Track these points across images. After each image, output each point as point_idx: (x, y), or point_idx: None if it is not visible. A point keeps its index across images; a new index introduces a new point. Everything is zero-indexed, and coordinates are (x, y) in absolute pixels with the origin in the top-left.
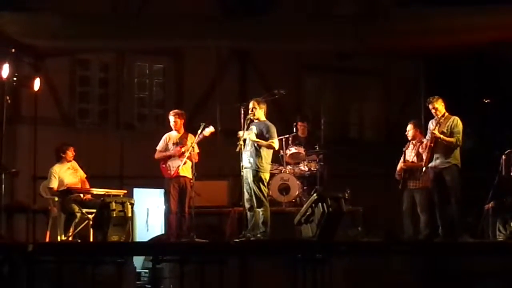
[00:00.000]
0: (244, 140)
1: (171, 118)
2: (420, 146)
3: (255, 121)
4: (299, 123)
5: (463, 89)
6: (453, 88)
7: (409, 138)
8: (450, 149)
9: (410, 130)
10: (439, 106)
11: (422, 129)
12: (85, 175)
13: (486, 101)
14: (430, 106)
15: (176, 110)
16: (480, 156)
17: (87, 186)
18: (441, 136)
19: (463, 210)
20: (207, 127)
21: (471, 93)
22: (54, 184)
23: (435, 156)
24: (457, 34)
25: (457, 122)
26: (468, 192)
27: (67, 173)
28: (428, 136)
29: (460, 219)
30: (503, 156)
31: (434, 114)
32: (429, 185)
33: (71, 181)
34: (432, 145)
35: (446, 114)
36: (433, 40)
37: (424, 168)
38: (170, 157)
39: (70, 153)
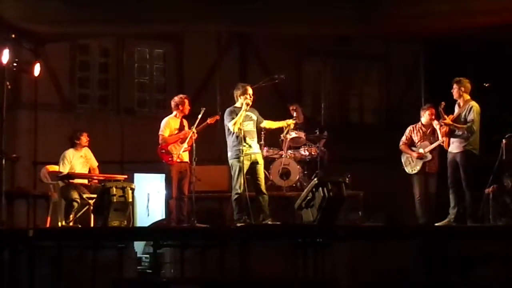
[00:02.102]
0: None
1: (186, 102)
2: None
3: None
4: (290, 107)
5: (463, 73)
6: (453, 72)
7: (424, 122)
8: (464, 135)
9: (432, 114)
10: (455, 89)
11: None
12: (96, 164)
13: (486, 85)
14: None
15: (186, 95)
16: (480, 140)
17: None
18: (451, 123)
19: (474, 196)
20: (212, 116)
21: (472, 77)
22: (65, 169)
23: (451, 140)
24: (457, 17)
25: (472, 109)
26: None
27: (78, 162)
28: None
29: (470, 205)
30: (503, 140)
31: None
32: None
33: (80, 171)
34: (447, 129)
35: (467, 98)
36: (433, 23)
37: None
38: (174, 142)
39: (84, 138)
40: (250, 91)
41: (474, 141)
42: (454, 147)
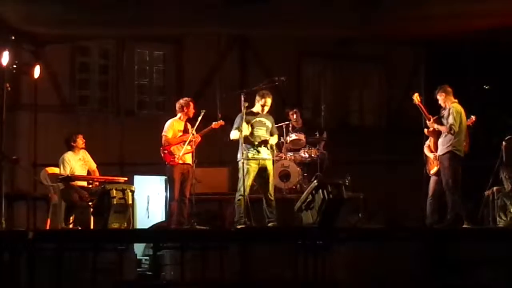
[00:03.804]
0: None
1: (191, 105)
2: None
3: (262, 113)
4: (289, 112)
5: (464, 75)
6: (454, 74)
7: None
8: (447, 137)
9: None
10: (439, 98)
11: None
12: (95, 165)
13: (486, 88)
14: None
15: (191, 98)
16: (480, 143)
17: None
18: (435, 125)
19: (460, 196)
20: (218, 120)
21: (472, 79)
22: (66, 172)
23: (438, 143)
24: (457, 20)
25: (452, 110)
26: (468, 178)
27: (77, 164)
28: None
29: (459, 206)
30: (503, 142)
31: None
32: None
33: (79, 173)
34: (431, 129)
35: (451, 101)
36: (434, 26)
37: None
38: (177, 143)
39: (80, 141)
40: (268, 101)
41: (457, 142)
42: (440, 150)
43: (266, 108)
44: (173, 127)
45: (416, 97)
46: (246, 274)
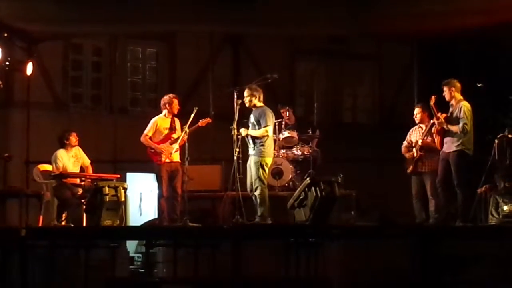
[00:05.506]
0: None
1: (175, 101)
2: (434, 128)
3: (253, 108)
4: (281, 110)
5: (456, 73)
6: (447, 72)
7: (417, 121)
8: (457, 135)
9: (418, 113)
10: (446, 91)
11: (429, 111)
12: (89, 161)
13: (479, 86)
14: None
15: (175, 95)
16: (474, 140)
17: (90, 172)
18: (444, 122)
19: (467, 195)
20: (205, 118)
21: (465, 77)
22: (58, 169)
23: (445, 140)
24: (451, 17)
25: (464, 109)
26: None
27: (70, 161)
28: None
29: (461, 205)
30: (496, 140)
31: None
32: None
33: (72, 170)
34: (438, 128)
35: (459, 98)
36: (427, 23)
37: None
38: (160, 142)
39: (73, 138)
40: (245, 93)
41: (467, 141)
42: (447, 146)
43: (246, 103)
44: (156, 125)
45: (433, 99)
46: (238, 271)
